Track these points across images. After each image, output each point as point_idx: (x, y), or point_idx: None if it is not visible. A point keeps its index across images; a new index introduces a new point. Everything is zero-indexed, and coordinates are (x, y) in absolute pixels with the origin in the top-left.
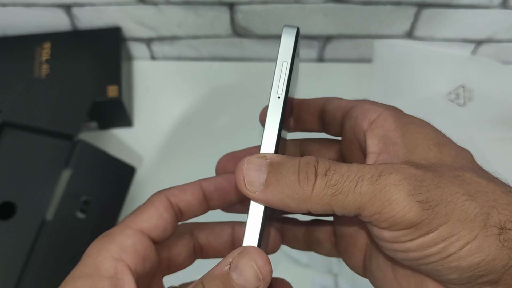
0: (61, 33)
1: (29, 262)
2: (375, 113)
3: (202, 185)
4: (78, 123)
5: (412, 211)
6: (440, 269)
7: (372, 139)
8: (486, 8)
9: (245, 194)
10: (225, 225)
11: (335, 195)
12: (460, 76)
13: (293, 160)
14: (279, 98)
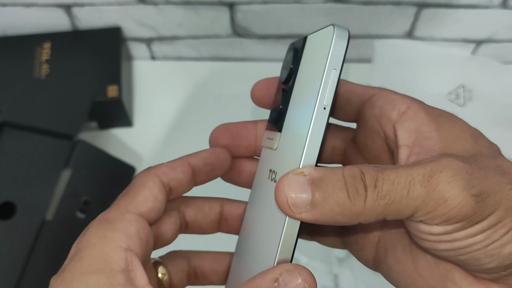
0: (61, 33)
1: (29, 262)
2: (404, 104)
3: (191, 161)
4: (78, 123)
5: (467, 205)
6: (481, 258)
7: (403, 131)
8: (486, 8)
9: (289, 216)
10: (213, 203)
11: (389, 205)
12: (460, 76)
13: (335, 174)
14: (325, 109)
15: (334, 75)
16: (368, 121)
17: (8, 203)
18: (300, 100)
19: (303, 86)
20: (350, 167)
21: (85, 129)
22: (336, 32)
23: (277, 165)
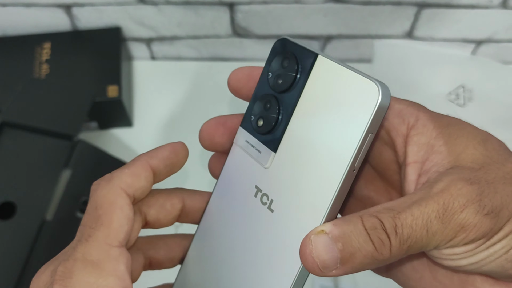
0: (61, 33)
1: (29, 262)
2: (412, 117)
3: (152, 164)
4: (78, 123)
5: (483, 225)
6: (503, 264)
7: (413, 146)
8: (486, 8)
9: (320, 276)
10: (175, 199)
11: (411, 245)
12: (460, 76)
13: (356, 227)
14: (354, 171)
15: (369, 139)
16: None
17: (8, 203)
18: (317, 143)
19: (322, 126)
20: (367, 218)
21: (85, 129)
22: (382, 91)
23: (274, 191)
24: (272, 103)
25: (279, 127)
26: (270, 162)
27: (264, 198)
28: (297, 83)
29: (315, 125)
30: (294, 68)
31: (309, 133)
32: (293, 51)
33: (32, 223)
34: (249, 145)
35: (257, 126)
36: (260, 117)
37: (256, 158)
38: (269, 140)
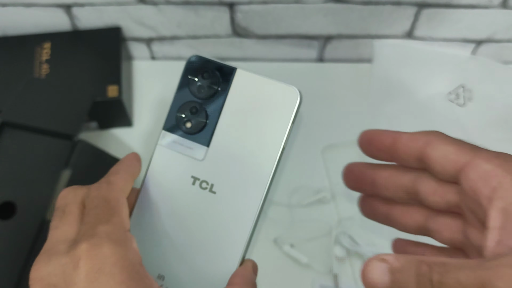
0: (61, 33)
1: (29, 262)
2: (495, 179)
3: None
4: (78, 123)
5: None
6: None
7: (494, 211)
8: (486, 8)
9: None
10: None
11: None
12: (460, 76)
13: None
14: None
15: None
16: (467, 192)
17: (8, 203)
18: (247, 138)
19: (247, 128)
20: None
21: (85, 129)
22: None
23: (213, 176)
24: (198, 108)
25: (208, 126)
26: (203, 155)
27: (203, 184)
28: (220, 91)
29: (245, 120)
30: (216, 79)
31: (240, 128)
32: (211, 65)
33: (32, 223)
34: (177, 145)
35: (185, 128)
36: (187, 120)
37: (188, 154)
38: (200, 138)
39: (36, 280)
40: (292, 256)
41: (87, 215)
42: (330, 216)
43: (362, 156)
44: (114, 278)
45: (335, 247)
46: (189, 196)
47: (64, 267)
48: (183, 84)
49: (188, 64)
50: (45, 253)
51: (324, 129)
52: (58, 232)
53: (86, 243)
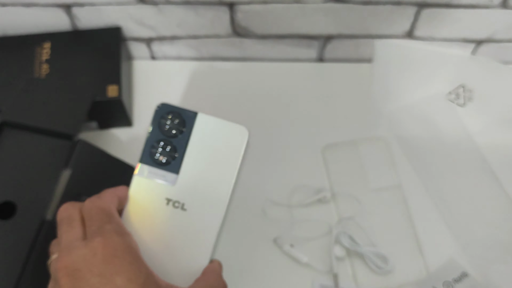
0: (61, 33)
1: (29, 261)
2: None
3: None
4: (78, 123)
5: None
6: None
7: None
8: (486, 8)
9: None
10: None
11: None
12: (460, 76)
13: None
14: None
15: (242, 156)
16: None
17: (8, 203)
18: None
19: (209, 158)
20: None
21: (85, 129)
22: (248, 133)
23: (184, 197)
24: (169, 145)
25: (178, 158)
26: (175, 181)
27: (176, 204)
28: (186, 131)
29: (207, 152)
30: (182, 121)
31: (203, 158)
32: (177, 110)
33: (32, 222)
34: (152, 174)
35: (160, 161)
36: (160, 154)
37: (162, 181)
38: (171, 167)
39: (61, 268)
40: (292, 256)
41: (89, 220)
42: (330, 216)
43: (361, 156)
44: (125, 259)
45: (335, 246)
46: (165, 214)
47: (84, 256)
48: (155, 126)
49: (158, 110)
50: (65, 249)
51: (324, 129)
52: (70, 234)
53: (100, 237)
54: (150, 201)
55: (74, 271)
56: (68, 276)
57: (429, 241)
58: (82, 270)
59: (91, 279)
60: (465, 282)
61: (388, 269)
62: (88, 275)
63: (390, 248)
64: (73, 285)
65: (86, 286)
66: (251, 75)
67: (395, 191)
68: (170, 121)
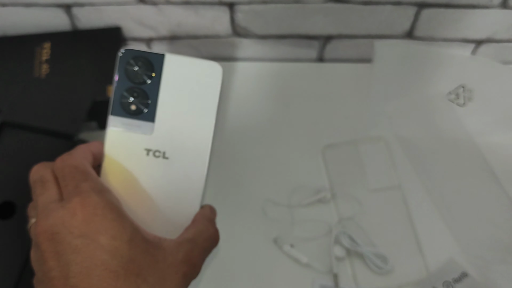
0: (61, 33)
1: (29, 262)
2: None
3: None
4: (78, 123)
5: None
6: None
7: None
8: (486, 8)
9: None
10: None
11: None
12: (460, 76)
13: None
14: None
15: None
16: None
17: (8, 203)
18: (185, 109)
19: (184, 101)
20: None
21: (84, 129)
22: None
23: (163, 146)
24: (139, 92)
25: (151, 105)
26: (151, 129)
27: (156, 153)
28: (155, 75)
29: (181, 95)
30: (150, 65)
31: (178, 102)
32: (143, 55)
33: None
34: (127, 125)
35: (131, 110)
36: (131, 103)
37: (138, 131)
38: (145, 116)
39: (41, 233)
40: (292, 256)
41: (63, 180)
42: (330, 216)
43: (361, 156)
44: (106, 217)
45: (335, 247)
46: (146, 165)
47: (62, 218)
48: (121, 74)
49: (121, 56)
50: (42, 213)
51: (324, 129)
52: (45, 196)
53: (77, 197)
54: (128, 154)
55: (53, 235)
56: (49, 241)
57: (429, 241)
58: (62, 232)
59: (73, 241)
60: (465, 282)
61: (388, 269)
62: (69, 237)
63: (390, 248)
64: (54, 249)
65: (68, 249)
66: (251, 75)
67: (395, 191)
68: (136, 67)
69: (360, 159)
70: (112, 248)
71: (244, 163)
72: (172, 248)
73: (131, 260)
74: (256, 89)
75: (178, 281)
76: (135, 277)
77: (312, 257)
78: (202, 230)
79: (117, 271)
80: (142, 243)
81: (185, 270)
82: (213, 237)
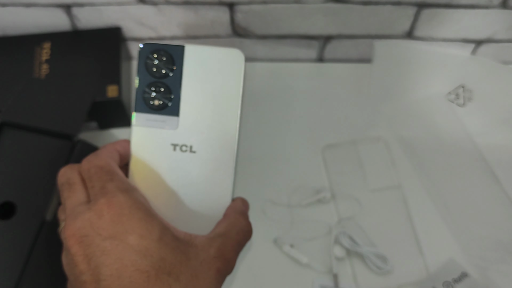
0: (61, 33)
1: (29, 262)
2: None
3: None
4: (78, 123)
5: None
6: None
7: None
8: (486, 8)
9: None
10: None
11: None
12: (460, 76)
13: None
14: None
15: (244, 83)
16: None
17: (8, 203)
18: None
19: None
20: None
21: (85, 129)
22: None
23: (190, 140)
24: (161, 86)
25: (174, 99)
26: (176, 124)
27: (183, 148)
28: (177, 68)
29: (204, 86)
30: (170, 58)
31: (202, 93)
32: (162, 48)
33: (32, 223)
34: (151, 121)
35: (154, 105)
36: (155, 98)
37: (163, 127)
38: (169, 111)
39: (70, 237)
40: (292, 256)
41: (90, 181)
42: (330, 216)
43: (361, 156)
44: (134, 217)
45: (335, 247)
46: (173, 160)
47: (90, 220)
48: (142, 69)
49: (141, 51)
50: (69, 216)
51: (324, 129)
52: (72, 199)
53: (103, 198)
54: (155, 151)
55: (82, 238)
56: (78, 244)
57: (429, 241)
58: (90, 235)
59: (102, 243)
60: (465, 282)
61: (388, 269)
62: (97, 239)
63: (390, 249)
64: (84, 252)
65: (97, 251)
66: (251, 75)
67: (395, 191)
68: (157, 61)
69: (360, 159)
70: (142, 247)
71: (244, 163)
72: (204, 244)
73: (162, 259)
74: (256, 89)
75: (212, 278)
76: (166, 276)
77: (312, 257)
78: (234, 223)
79: (148, 271)
80: (172, 241)
81: (218, 265)
82: (246, 230)
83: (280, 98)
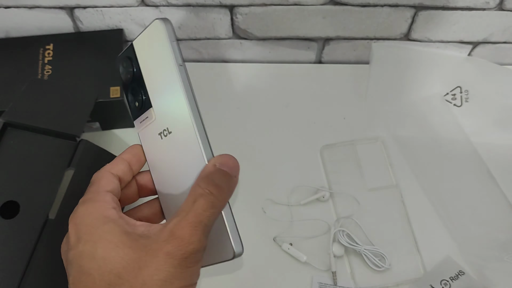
0: (64, 34)
1: (32, 260)
2: None
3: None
4: (81, 123)
5: None
6: None
7: None
8: (483, 10)
9: None
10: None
11: None
12: (457, 77)
13: None
14: (181, 66)
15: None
16: None
17: (12, 203)
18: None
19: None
20: None
21: (87, 130)
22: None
23: (167, 123)
24: (134, 88)
25: (145, 93)
26: (154, 114)
27: (165, 132)
28: (135, 66)
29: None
30: (129, 60)
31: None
32: (122, 56)
33: (35, 222)
34: (144, 122)
35: (138, 108)
36: (135, 101)
37: (149, 122)
38: (146, 105)
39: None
40: (291, 255)
41: None
42: (328, 215)
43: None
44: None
45: (334, 245)
46: (165, 148)
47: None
48: (120, 81)
49: (116, 66)
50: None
51: (323, 129)
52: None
53: (78, 205)
54: (154, 146)
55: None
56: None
57: (426, 239)
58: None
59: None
60: (462, 280)
61: (386, 268)
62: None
63: (388, 247)
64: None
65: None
66: (251, 76)
67: (392, 190)
68: (122, 68)
69: (358, 159)
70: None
71: (243, 163)
72: (156, 232)
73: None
74: (255, 90)
75: (160, 263)
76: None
77: (311, 256)
78: (191, 194)
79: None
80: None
81: (168, 249)
82: (207, 192)
83: (279, 99)
